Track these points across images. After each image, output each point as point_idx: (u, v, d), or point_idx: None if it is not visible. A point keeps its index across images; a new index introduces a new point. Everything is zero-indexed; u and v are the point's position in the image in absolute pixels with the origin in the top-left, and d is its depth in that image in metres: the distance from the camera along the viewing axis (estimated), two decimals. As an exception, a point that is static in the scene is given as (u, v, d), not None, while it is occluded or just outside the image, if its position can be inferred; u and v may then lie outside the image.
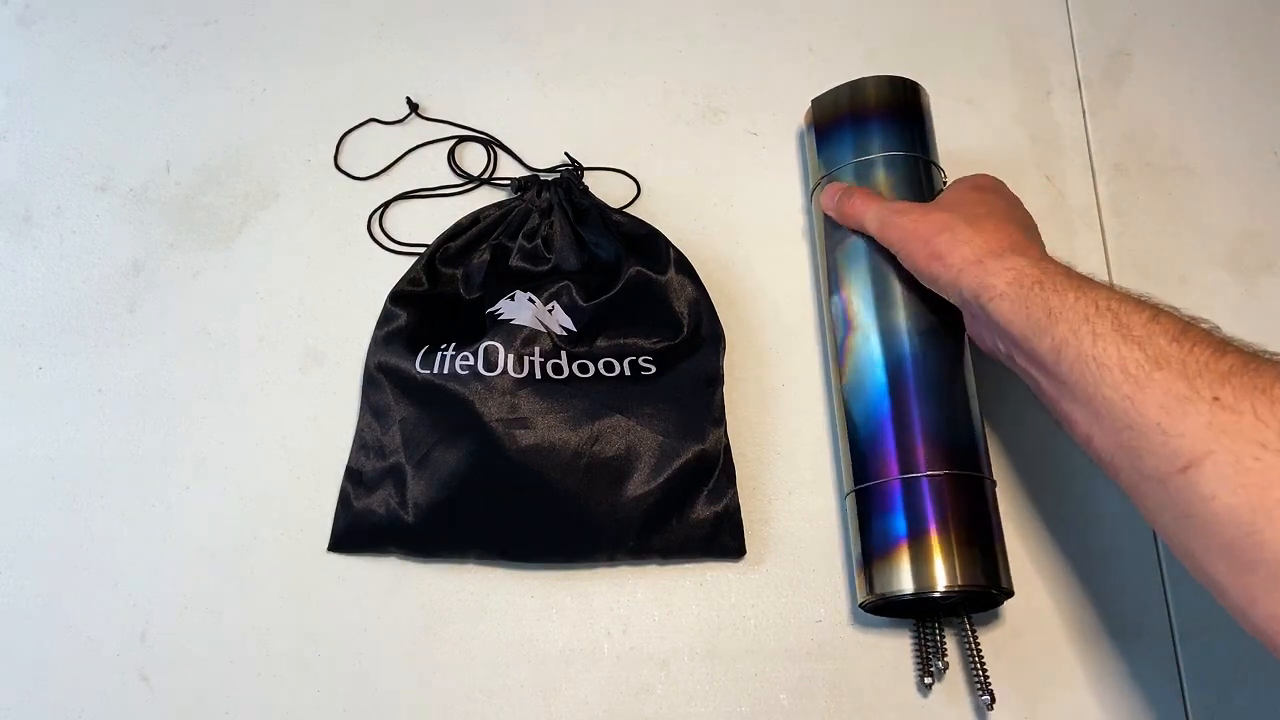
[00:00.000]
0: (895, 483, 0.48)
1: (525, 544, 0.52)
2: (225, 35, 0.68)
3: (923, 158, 0.55)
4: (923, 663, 0.49)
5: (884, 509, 0.48)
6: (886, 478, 0.48)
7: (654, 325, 0.55)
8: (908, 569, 0.46)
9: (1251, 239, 0.61)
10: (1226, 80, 0.66)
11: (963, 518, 0.47)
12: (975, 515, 0.47)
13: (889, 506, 0.48)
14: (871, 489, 0.49)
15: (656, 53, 0.66)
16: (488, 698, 0.51)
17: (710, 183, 0.62)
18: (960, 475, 0.48)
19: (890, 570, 0.47)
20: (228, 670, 0.52)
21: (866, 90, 0.57)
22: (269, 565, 0.54)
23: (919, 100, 0.57)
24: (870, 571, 0.48)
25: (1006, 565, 0.48)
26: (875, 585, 0.48)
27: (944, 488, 0.47)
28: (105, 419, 0.57)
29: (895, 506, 0.48)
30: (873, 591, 0.48)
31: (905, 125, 0.56)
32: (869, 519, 0.49)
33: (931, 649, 0.49)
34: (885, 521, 0.48)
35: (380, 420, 0.55)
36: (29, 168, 0.64)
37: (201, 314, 0.60)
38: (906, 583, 0.46)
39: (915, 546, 0.47)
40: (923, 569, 0.46)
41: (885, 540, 0.48)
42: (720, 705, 0.51)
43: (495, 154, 0.63)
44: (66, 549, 0.54)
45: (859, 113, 0.56)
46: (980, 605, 0.50)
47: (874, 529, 0.48)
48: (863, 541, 0.49)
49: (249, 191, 0.63)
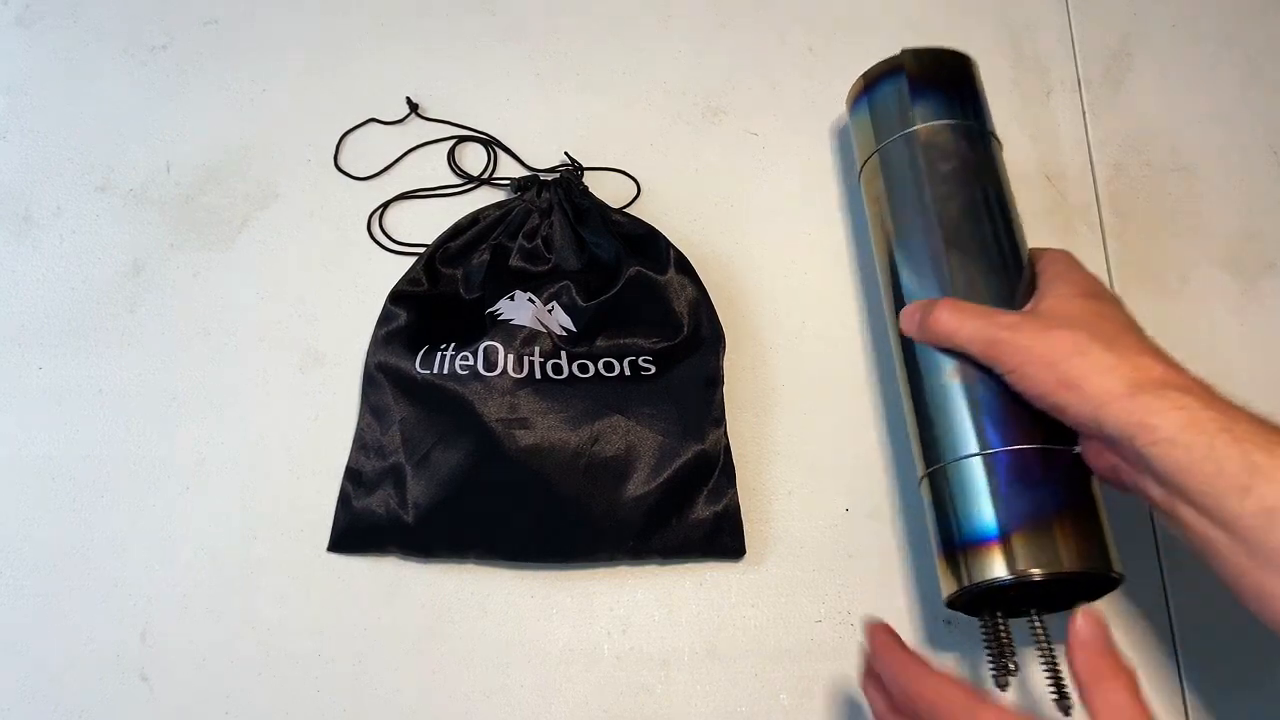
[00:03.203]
0: (1006, 454, 0.44)
1: (525, 544, 0.52)
2: (225, 35, 0.68)
3: (979, 127, 0.53)
4: (999, 661, 0.44)
5: (1018, 480, 0.43)
6: (987, 450, 0.44)
7: (654, 325, 0.55)
8: (1046, 548, 0.42)
9: (1251, 239, 0.61)
10: (1226, 80, 0.66)
11: (1077, 494, 0.43)
12: (1085, 491, 0.44)
13: (1024, 477, 0.43)
14: (962, 465, 0.45)
15: (656, 53, 0.66)
16: (488, 698, 0.51)
17: (710, 183, 0.62)
18: (1057, 450, 0.44)
19: (1036, 546, 0.42)
20: (228, 670, 0.52)
21: (916, 60, 0.54)
22: (269, 565, 0.54)
23: (970, 70, 0.56)
24: (1009, 547, 0.43)
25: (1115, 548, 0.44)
26: (1012, 563, 0.42)
27: (1053, 462, 0.44)
28: (105, 419, 0.57)
29: (1034, 477, 0.43)
30: (980, 578, 0.43)
31: (960, 94, 0.54)
32: (979, 494, 0.44)
33: (1007, 645, 0.44)
34: (1027, 492, 0.43)
35: (380, 420, 0.55)
36: (29, 168, 0.64)
37: (201, 314, 0.60)
38: (1047, 562, 0.42)
39: (1041, 525, 0.42)
40: (1063, 548, 0.42)
41: (1026, 513, 0.43)
42: (720, 705, 0.51)
43: (495, 154, 0.63)
44: (66, 548, 0.54)
45: (911, 82, 0.54)
46: (1071, 598, 0.45)
47: (994, 504, 0.44)
48: (962, 523, 0.44)
49: (249, 191, 0.63)
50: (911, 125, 0.53)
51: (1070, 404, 0.40)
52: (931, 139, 0.52)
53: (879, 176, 0.54)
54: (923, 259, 0.50)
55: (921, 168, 0.52)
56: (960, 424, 0.46)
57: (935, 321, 0.46)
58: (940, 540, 0.46)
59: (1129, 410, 0.38)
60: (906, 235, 0.51)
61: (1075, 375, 0.40)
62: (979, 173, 0.52)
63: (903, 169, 0.53)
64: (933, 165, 0.52)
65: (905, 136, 0.53)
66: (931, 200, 0.51)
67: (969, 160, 0.52)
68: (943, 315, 0.46)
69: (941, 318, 0.46)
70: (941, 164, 0.52)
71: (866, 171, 0.55)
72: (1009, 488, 0.44)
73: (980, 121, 0.54)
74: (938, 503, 0.46)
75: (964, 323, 0.45)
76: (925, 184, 0.51)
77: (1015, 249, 0.50)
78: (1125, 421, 0.38)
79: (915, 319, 0.48)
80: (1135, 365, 0.40)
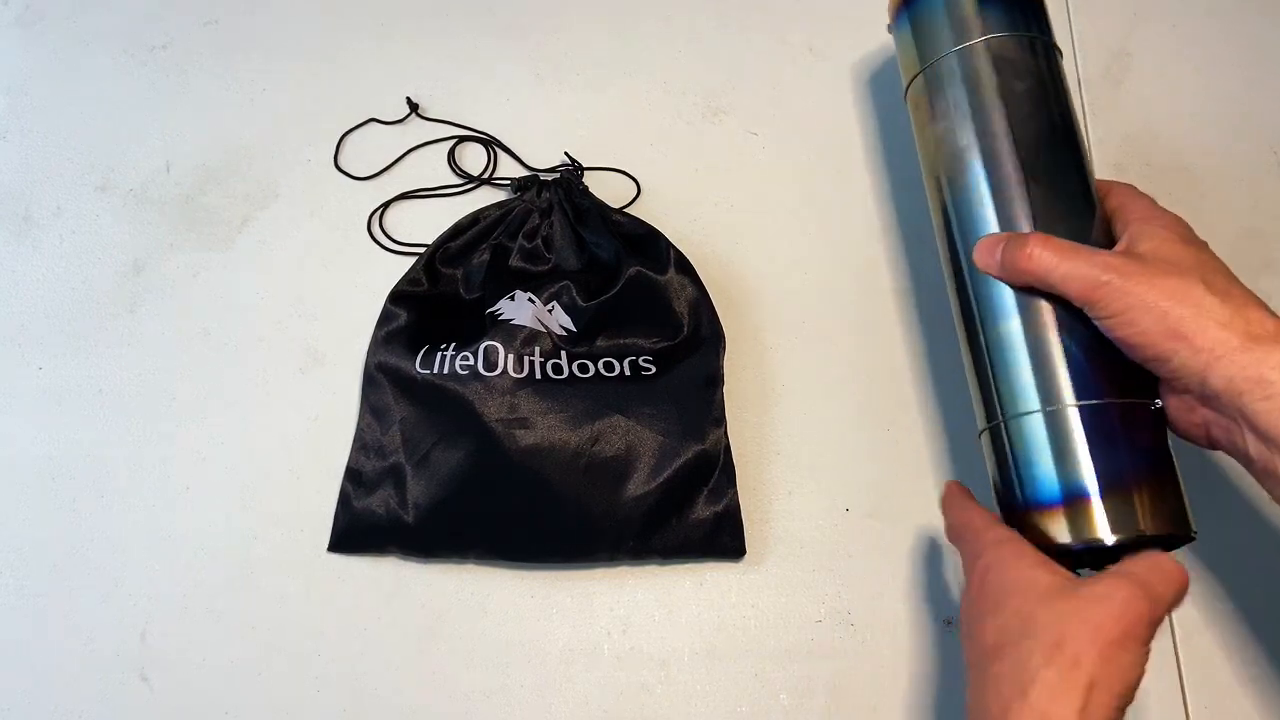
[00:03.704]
0: (1108, 406, 0.41)
1: (525, 544, 0.52)
2: (225, 35, 0.68)
3: (1048, 40, 0.48)
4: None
5: (1109, 436, 0.41)
6: (1084, 400, 0.41)
7: (654, 325, 0.55)
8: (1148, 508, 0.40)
9: (1251, 239, 0.61)
10: (1226, 80, 0.66)
11: (1162, 450, 0.42)
12: (1166, 447, 0.42)
13: (1115, 433, 0.41)
14: (1055, 415, 0.41)
15: (656, 53, 0.66)
16: (488, 698, 0.51)
17: (710, 183, 0.62)
18: (1139, 404, 0.42)
19: (1145, 505, 0.40)
20: (228, 670, 0.52)
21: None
22: (269, 565, 0.54)
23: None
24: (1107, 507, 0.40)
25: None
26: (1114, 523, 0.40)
27: (1138, 417, 0.41)
28: (105, 419, 0.57)
29: (1124, 433, 0.41)
30: (1083, 537, 0.40)
31: (1029, 2, 0.49)
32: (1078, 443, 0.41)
33: None
34: (1121, 450, 0.41)
35: (380, 420, 0.55)
36: (29, 168, 0.64)
37: (201, 314, 0.60)
38: (1150, 523, 0.40)
39: (1150, 482, 0.40)
40: (1161, 509, 0.40)
41: (1121, 471, 0.41)
42: (720, 705, 0.51)
43: (495, 154, 0.63)
44: (66, 549, 0.54)
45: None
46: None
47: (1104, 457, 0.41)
48: (1100, 465, 0.41)
49: (249, 191, 0.63)
50: (978, 36, 0.47)
51: (1177, 354, 0.38)
52: (1003, 52, 0.47)
53: (940, 92, 0.49)
54: (999, 188, 0.45)
55: (994, 84, 0.47)
56: (1047, 373, 0.42)
57: (1027, 258, 0.42)
58: (1022, 494, 0.42)
59: (1242, 365, 0.37)
60: (976, 161, 0.46)
61: (1188, 326, 0.38)
62: (1056, 94, 0.47)
63: (970, 85, 0.47)
64: (1007, 83, 0.47)
65: (970, 49, 0.48)
66: (1007, 122, 0.46)
67: (1044, 79, 0.47)
68: (1036, 251, 0.42)
69: (1035, 253, 0.42)
70: (1016, 82, 0.47)
71: (916, 89, 0.50)
72: (1103, 444, 0.41)
73: (1049, 35, 0.49)
74: (1023, 455, 0.42)
75: (1061, 261, 0.41)
76: (999, 103, 0.46)
77: (1088, 181, 0.46)
78: (1238, 376, 0.37)
79: (996, 253, 0.44)
80: (1248, 319, 0.38)
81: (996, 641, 0.37)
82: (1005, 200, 0.45)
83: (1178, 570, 0.37)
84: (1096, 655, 0.34)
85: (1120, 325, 0.40)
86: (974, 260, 0.45)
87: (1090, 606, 0.35)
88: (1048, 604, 0.36)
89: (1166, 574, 0.37)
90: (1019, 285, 0.43)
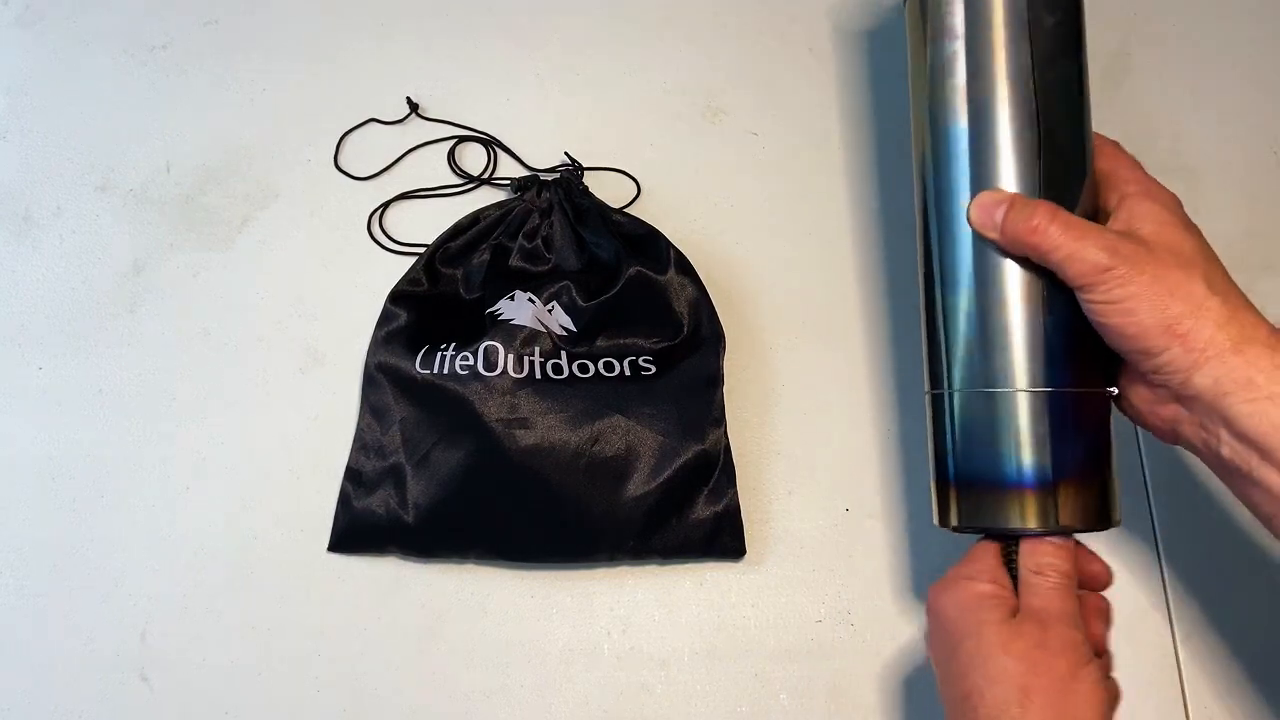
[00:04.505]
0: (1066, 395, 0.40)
1: (525, 544, 0.52)
2: (225, 35, 0.68)
3: None
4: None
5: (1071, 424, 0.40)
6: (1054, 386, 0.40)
7: (654, 325, 0.55)
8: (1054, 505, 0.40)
9: (1252, 239, 0.61)
10: (1226, 80, 0.66)
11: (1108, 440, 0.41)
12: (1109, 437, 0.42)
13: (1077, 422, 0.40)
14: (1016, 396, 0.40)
15: (656, 53, 0.66)
16: (488, 698, 0.51)
17: (710, 183, 0.62)
18: (1099, 393, 0.41)
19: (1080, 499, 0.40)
20: (228, 670, 0.52)
21: None
22: (269, 565, 0.54)
23: None
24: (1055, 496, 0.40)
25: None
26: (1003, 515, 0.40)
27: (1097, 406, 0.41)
28: (105, 419, 0.57)
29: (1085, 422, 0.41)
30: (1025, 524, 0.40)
31: None
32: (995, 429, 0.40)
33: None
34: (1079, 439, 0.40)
35: (380, 420, 0.55)
36: (29, 168, 0.64)
37: (201, 314, 0.60)
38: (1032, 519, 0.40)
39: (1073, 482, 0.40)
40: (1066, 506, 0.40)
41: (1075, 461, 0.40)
42: (720, 705, 0.51)
43: (495, 154, 0.63)
44: (66, 548, 0.54)
45: None
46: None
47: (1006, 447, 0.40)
48: (998, 460, 0.40)
49: (249, 191, 0.63)
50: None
51: (1168, 349, 0.38)
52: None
53: (950, 7, 0.42)
54: (1009, 138, 0.41)
55: (1023, 14, 0.40)
56: (1017, 351, 0.40)
57: (1032, 230, 0.39)
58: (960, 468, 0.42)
59: (1231, 366, 0.37)
60: (986, 103, 0.41)
61: (1186, 324, 0.37)
62: (1079, 37, 0.42)
63: (991, 8, 0.41)
64: (1037, 13, 0.41)
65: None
66: (1031, 63, 0.40)
67: (1074, 16, 0.42)
68: (1043, 223, 0.39)
69: (1042, 226, 0.39)
70: (1047, 15, 0.41)
71: (915, 2, 0.44)
72: (1062, 431, 0.40)
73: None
74: (969, 427, 0.41)
75: (1068, 239, 0.39)
76: (1024, 39, 0.40)
77: (1089, 141, 0.42)
78: (1225, 377, 0.37)
79: (997, 214, 0.40)
80: (1242, 322, 0.38)
81: (965, 690, 0.38)
82: (1017, 154, 0.41)
83: (1061, 551, 0.40)
84: (1061, 692, 0.37)
85: (1115, 313, 0.38)
86: (969, 215, 0.41)
87: (1036, 653, 0.38)
88: (1001, 653, 0.38)
89: (1063, 574, 0.40)
90: (1010, 252, 0.41)
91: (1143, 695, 0.50)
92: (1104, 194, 0.43)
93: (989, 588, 0.40)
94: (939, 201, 0.43)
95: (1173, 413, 0.40)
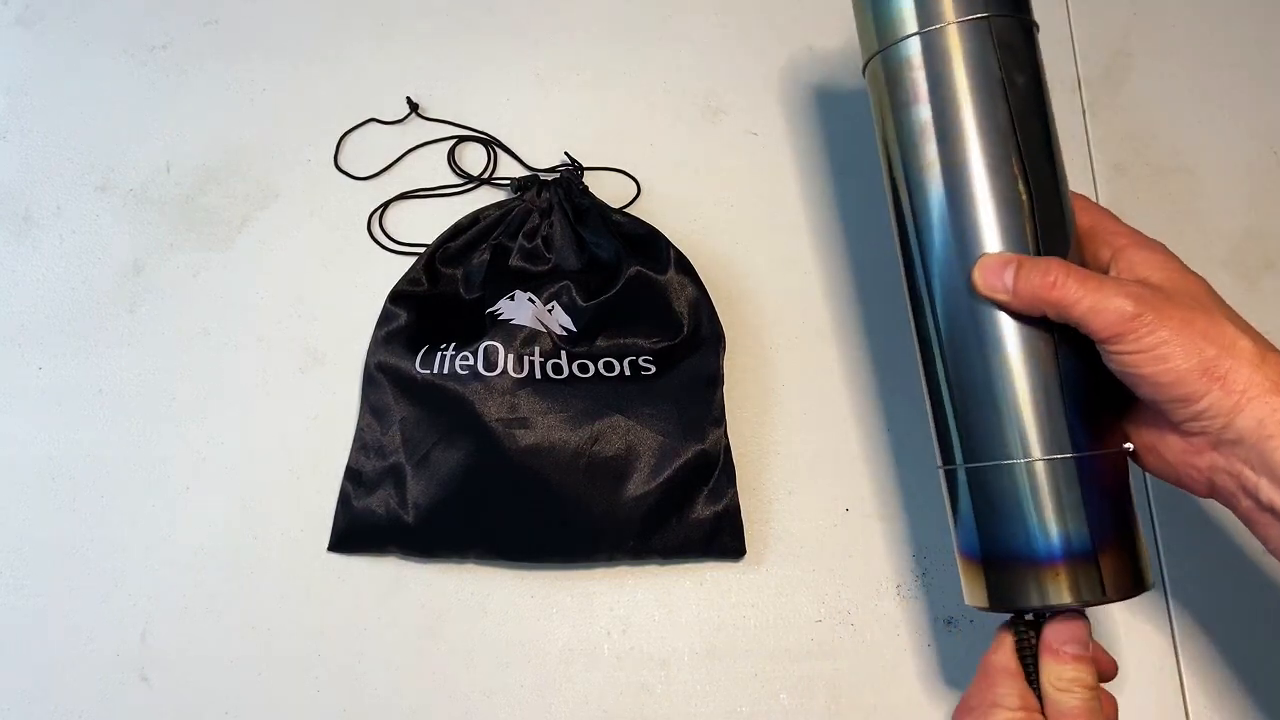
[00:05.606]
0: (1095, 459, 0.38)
1: (525, 544, 0.52)
2: (225, 35, 0.68)
3: (1031, 24, 0.41)
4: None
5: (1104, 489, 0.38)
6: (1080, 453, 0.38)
7: (654, 325, 0.55)
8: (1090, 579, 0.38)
9: (1252, 239, 0.61)
10: (1226, 80, 0.66)
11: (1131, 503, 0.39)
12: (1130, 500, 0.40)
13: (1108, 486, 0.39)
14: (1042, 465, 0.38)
15: (656, 53, 0.66)
16: (488, 698, 0.51)
17: (710, 183, 0.62)
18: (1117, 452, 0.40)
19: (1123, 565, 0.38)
20: (228, 670, 0.52)
21: None
22: (269, 565, 0.54)
23: None
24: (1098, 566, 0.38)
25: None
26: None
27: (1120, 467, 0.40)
28: (105, 419, 0.57)
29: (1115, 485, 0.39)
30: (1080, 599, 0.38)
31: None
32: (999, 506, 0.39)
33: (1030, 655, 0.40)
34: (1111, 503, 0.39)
35: (380, 420, 0.55)
36: (29, 168, 0.64)
37: (201, 314, 0.60)
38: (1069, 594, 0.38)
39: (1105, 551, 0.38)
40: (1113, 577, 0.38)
41: (1113, 529, 0.38)
42: (720, 705, 0.51)
43: (495, 154, 0.63)
44: (66, 549, 0.54)
45: None
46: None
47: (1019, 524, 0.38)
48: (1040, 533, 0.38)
49: (249, 191, 0.63)
50: (974, 12, 0.40)
51: (1208, 394, 0.36)
52: (1006, 37, 0.40)
53: (918, 74, 0.41)
54: (1000, 199, 0.39)
55: (995, 74, 0.40)
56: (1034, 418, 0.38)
57: (1050, 286, 0.37)
58: (1001, 545, 0.39)
59: (1275, 406, 0.35)
60: (969, 166, 0.40)
61: (1223, 366, 0.36)
62: (1045, 92, 0.41)
63: (963, 72, 0.40)
64: (1010, 74, 0.40)
65: (968, 25, 0.40)
66: (1009, 124, 0.39)
67: (1039, 73, 0.41)
68: (1060, 278, 0.37)
69: (1060, 281, 0.37)
70: (1018, 74, 0.40)
71: (893, 59, 0.42)
72: (1099, 499, 0.38)
73: (1032, 18, 0.42)
74: (991, 502, 0.39)
75: (1088, 291, 0.37)
76: (1000, 98, 0.39)
77: (1068, 195, 0.41)
78: (1269, 419, 0.35)
79: (1005, 276, 0.38)
80: (1274, 361, 0.36)
81: None
82: (1008, 215, 0.39)
83: (1077, 632, 0.39)
84: None
85: (1148, 361, 0.36)
86: (974, 280, 0.39)
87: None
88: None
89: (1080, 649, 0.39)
90: (1025, 313, 0.39)
91: (1143, 695, 0.50)
92: (1091, 249, 0.42)
93: (1021, 715, 0.38)
94: (928, 269, 0.41)
95: (1209, 462, 0.38)
